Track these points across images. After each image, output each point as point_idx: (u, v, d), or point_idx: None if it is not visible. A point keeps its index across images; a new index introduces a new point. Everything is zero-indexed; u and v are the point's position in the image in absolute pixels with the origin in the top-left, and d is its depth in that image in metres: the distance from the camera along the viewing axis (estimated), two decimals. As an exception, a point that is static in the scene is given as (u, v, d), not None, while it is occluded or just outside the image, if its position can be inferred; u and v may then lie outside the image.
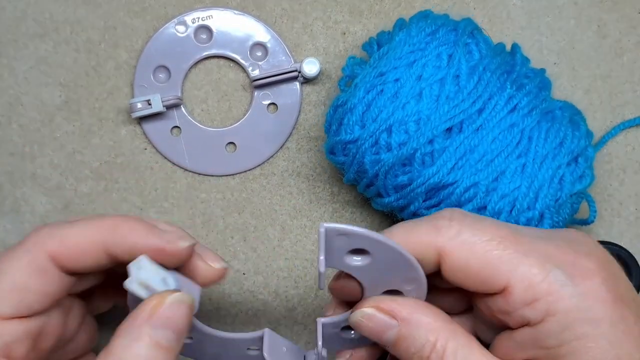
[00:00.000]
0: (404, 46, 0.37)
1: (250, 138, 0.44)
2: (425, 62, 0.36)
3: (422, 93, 0.36)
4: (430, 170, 0.36)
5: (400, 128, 0.36)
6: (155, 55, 0.43)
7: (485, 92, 0.36)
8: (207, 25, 0.43)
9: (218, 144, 0.44)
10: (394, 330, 0.30)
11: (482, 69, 0.36)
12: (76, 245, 0.30)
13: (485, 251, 0.29)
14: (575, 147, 0.37)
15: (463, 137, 0.36)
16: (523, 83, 0.37)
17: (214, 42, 0.44)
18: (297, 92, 0.44)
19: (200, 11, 0.44)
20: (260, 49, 0.44)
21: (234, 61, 0.44)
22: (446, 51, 0.36)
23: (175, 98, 0.43)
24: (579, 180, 0.37)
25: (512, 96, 0.36)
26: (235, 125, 0.44)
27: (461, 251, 0.29)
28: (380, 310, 0.30)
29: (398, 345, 0.30)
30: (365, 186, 0.39)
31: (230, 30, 0.44)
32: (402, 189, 0.37)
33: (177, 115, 0.43)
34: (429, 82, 0.36)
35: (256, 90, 0.44)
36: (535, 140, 0.36)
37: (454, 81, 0.36)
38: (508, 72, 0.37)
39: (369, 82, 0.37)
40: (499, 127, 0.36)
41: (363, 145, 0.37)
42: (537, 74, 0.39)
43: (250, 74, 0.44)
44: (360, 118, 0.37)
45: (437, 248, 0.29)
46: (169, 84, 0.43)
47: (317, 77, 0.43)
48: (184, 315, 0.29)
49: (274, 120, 0.44)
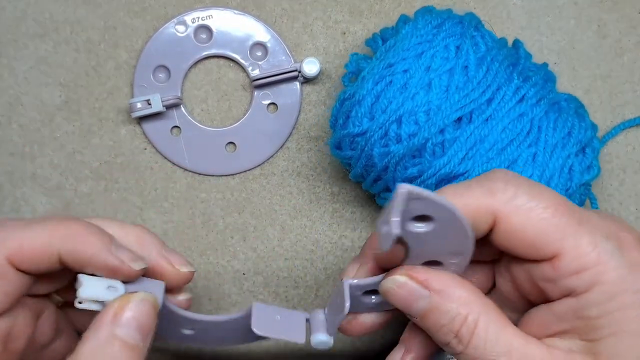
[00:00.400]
0: (411, 38, 0.36)
1: (250, 138, 0.44)
2: (433, 53, 0.36)
3: (432, 83, 0.36)
4: (441, 160, 0.35)
5: (410, 119, 0.36)
6: (155, 55, 0.43)
7: (494, 82, 0.36)
8: (207, 25, 0.43)
9: (218, 144, 0.44)
10: (424, 300, 0.29)
11: (490, 60, 0.36)
12: (31, 248, 0.30)
13: (541, 218, 0.28)
14: (582, 138, 0.37)
15: (473, 127, 0.35)
16: (529, 75, 0.37)
17: (213, 42, 0.44)
18: (297, 92, 0.44)
19: (200, 11, 0.43)
20: (260, 49, 0.44)
21: (233, 61, 0.44)
22: (454, 42, 0.36)
23: (175, 98, 0.43)
24: (587, 171, 0.37)
25: (520, 87, 0.36)
26: (235, 125, 0.44)
27: (518, 216, 0.28)
28: (413, 278, 0.30)
29: (427, 316, 0.30)
30: (372, 181, 0.38)
31: (230, 30, 0.44)
32: (412, 181, 0.37)
33: (177, 115, 0.43)
34: (438, 73, 0.36)
35: (256, 90, 0.44)
36: (544, 129, 0.36)
37: (463, 72, 0.36)
38: (514, 64, 0.37)
39: (377, 74, 0.36)
40: (508, 116, 0.36)
41: (372, 138, 0.36)
42: (540, 68, 0.39)
43: (250, 73, 0.44)
44: (369, 110, 0.36)
45: (493, 211, 0.29)
46: (168, 84, 0.43)
47: (317, 77, 0.43)
48: (148, 314, 0.29)
49: (274, 120, 0.44)
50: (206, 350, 0.44)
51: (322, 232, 0.44)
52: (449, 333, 0.29)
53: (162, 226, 0.43)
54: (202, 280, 0.43)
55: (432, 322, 0.30)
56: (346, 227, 0.44)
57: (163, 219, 0.43)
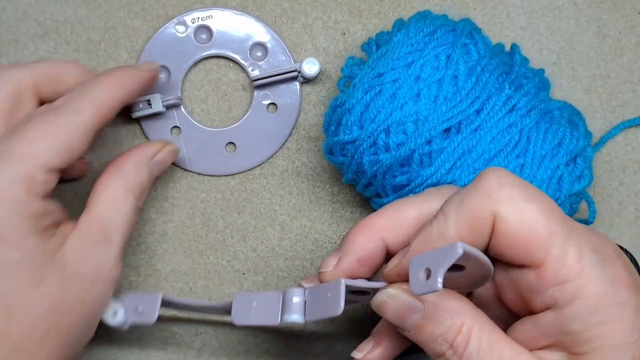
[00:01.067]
0: (402, 47, 0.37)
1: (250, 138, 0.44)
2: (423, 63, 0.36)
3: (420, 94, 0.36)
4: (428, 170, 0.36)
5: (398, 129, 0.36)
6: (155, 55, 0.43)
7: (483, 92, 0.36)
8: (207, 25, 0.43)
9: (218, 144, 0.44)
10: (418, 313, 0.29)
11: (480, 70, 0.36)
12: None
13: (535, 220, 0.28)
14: (573, 148, 0.37)
15: (461, 138, 0.36)
16: (522, 83, 0.37)
17: (213, 42, 0.44)
18: (297, 92, 0.44)
19: (200, 11, 0.44)
20: (260, 49, 0.44)
21: (233, 61, 0.44)
22: (444, 52, 0.36)
23: (175, 98, 0.43)
24: (578, 181, 0.37)
25: (511, 97, 0.36)
26: (236, 125, 0.44)
27: (513, 217, 0.28)
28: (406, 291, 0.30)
29: (422, 329, 0.30)
30: (363, 186, 0.39)
31: (230, 31, 0.44)
32: (401, 189, 0.37)
33: (177, 115, 0.44)
34: (427, 83, 0.36)
35: (256, 90, 0.44)
36: (533, 140, 0.36)
37: (452, 82, 0.36)
38: (506, 72, 0.37)
39: (367, 83, 0.37)
40: (497, 127, 0.36)
41: (361, 146, 0.37)
42: (536, 74, 0.39)
43: (250, 74, 0.44)
44: (358, 118, 0.37)
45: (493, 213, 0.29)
46: (169, 84, 0.43)
47: (317, 77, 0.43)
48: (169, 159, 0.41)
49: (274, 120, 0.44)
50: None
51: (322, 232, 0.44)
52: (443, 343, 0.29)
53: (162, 226, 0.43)
54: (202, 280, 0.43)
55: (427, 333, 0.30)
56: (346, 227, 0.44)
57: (163, 219, 0.43)
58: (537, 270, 0.28)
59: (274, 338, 0.44)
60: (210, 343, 0.44)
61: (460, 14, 0.43)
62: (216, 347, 0.44)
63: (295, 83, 0.44)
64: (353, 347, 0.44)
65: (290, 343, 0.44)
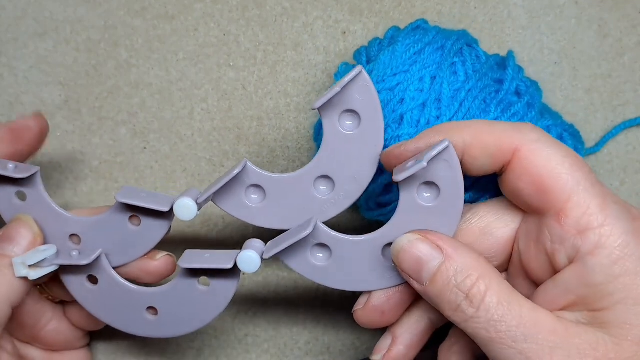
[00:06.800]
0: (386, 69, 0.36)
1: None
2: (407, 87, 0.35)
3: (403, 118, 0.35)
4: None
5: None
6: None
7: (467, 117, 0.35)
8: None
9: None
10: (436, 262, 0.29)
11: (465, 93, 0.35)
12: None
13: (558, 165, 0.28)
14: None
15: None
16: (511, 102, 0.36)
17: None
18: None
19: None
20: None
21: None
22: (429, 73, 0.35)
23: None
24: None
25: (497, 119, 0.35)
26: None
27: (536, 156, 0.29)
28: (424, 239, 0.30)
29: (436, 279, 0.29)
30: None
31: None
32: (385, 206, 0.37)
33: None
34: (410, 107, 0.35)
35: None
36: None
37: (436, 105, 0.35)
38: (496, 90, 0.36)
39: None
40: None
41: None
42: (529, 87, 0.37)
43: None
44: None
45: (515, 147, 0.29)
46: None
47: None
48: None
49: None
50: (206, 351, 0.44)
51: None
52: (459, 293, 0.28)
53: (162, 226, 0.43)
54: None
55: (442, 283, 0.29)
56: (346, 227, 0.43)
57: (163, 219, 0.43)
58: (558, 218, 0.28)
59: (274, 338, 0.44)
60: (210, 343, 0.44)
61: (462, 13, 0.43)
62: (216, 347, 0.44)
63: (296, 82, 0.43)
64: (353, 347, 0.44)
65: (290, 343, 0.44)
